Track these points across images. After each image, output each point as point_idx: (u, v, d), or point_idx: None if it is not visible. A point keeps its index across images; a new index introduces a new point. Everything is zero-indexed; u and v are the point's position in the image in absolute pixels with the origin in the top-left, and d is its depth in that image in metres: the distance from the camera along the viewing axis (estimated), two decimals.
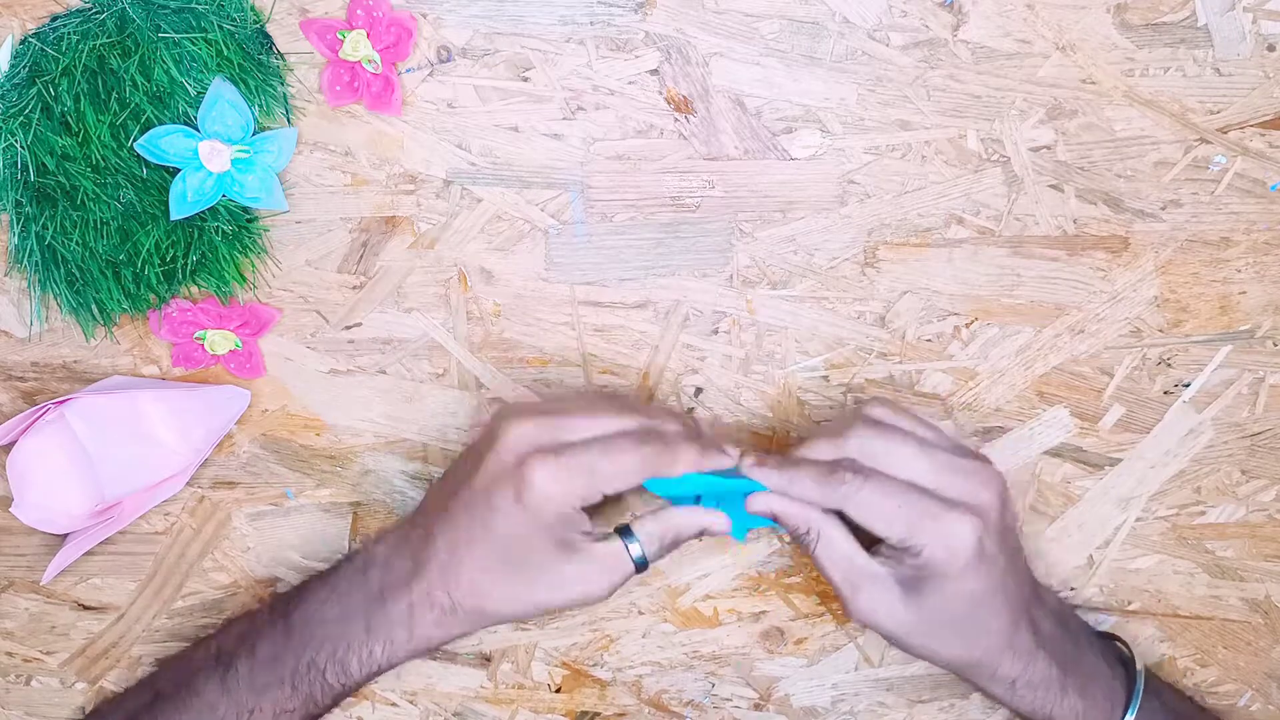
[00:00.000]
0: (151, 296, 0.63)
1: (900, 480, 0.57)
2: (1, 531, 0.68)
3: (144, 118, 0.59)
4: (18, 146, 0.59)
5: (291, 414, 0.67)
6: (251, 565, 0.69)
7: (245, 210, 0.62)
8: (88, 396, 0.64)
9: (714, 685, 0.71)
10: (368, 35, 0.60)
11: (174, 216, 0.61)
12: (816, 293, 0.65)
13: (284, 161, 0.62)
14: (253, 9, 0.60)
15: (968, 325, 0.65)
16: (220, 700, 0.60)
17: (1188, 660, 0.69)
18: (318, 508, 0.68)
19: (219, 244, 0.62)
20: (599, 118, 0.62)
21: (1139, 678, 0.61)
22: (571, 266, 0.64)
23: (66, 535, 0.67)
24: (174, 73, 0.59)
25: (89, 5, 0.59)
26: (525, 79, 0.62)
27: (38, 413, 0.64)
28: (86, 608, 0.69)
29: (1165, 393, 0.66)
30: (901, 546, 0.57)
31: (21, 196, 0.60)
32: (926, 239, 0.64)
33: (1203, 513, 0.67)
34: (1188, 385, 0.66)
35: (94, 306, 0.63)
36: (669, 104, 0.62)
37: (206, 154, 0.60)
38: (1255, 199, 0.63)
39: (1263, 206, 0.63)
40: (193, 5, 0.58)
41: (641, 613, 0.70)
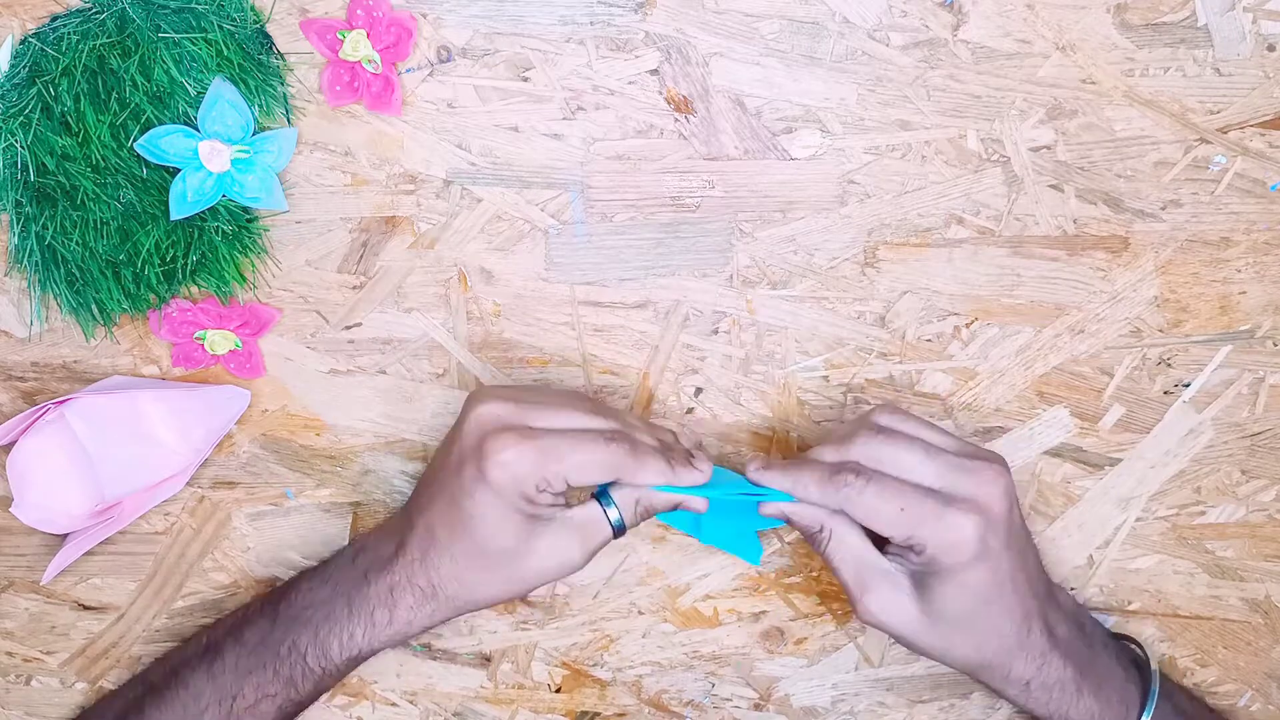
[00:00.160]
0: (151, 296, 0.63)
1: (904, 481, 0.57)
2: (1, 531, 0.68)
3: (144, 118, 0.59)
4: (18, 146, 0.59)
5: (291, 414, 0.67)
6: (251, 565, 0.69)
7: (245, 210, 0.62)
8: (88, 396, 0.64)
9: (714, 685, 0.71)
10: (368, 35, 0.60)
11: (174, 216, 0.61)
12: (816, 293, 0.65)
13: (284, 161, 0.62)
14: (253, 9, 0.60)
15: (968, 325, 0.65)
16: (206, 688, 0.61)
17: (1188, 660, 0.69)
18: (318, 508, 0.68)
19: (219, 244, 0.62)
20: (599, 118, 0.62)
21: (1154, 680, 0.61)
22: (571, 266, 0.64)
23: (66, 535, 0.67)
24: (174, 73, 0.59)
25: (89, 5, 0.59)
26: (525, 79, 0.62)
27: (38, 413, 0.64)
28: (86, 608, 0.69)
29: (1165, 393, 0.66)
30: (906, 545, 0.57)
31: (21, 196, 0.60)
32: (926, 239, 0.64)
33: (1203, 513, 0.67)
34: (1188, 385, 0.66)
35: (94, 306, 0.63)
36: (669, 104, 0.62)
37: (206, 154, 0.60)
38: (1255, 199, 0.63)
39: (1263, 206, 0.63)
40: (193, 5, 0.58)
41: (641, 613, 0.70)
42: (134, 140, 0.59)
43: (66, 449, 0.64)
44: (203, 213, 0.61)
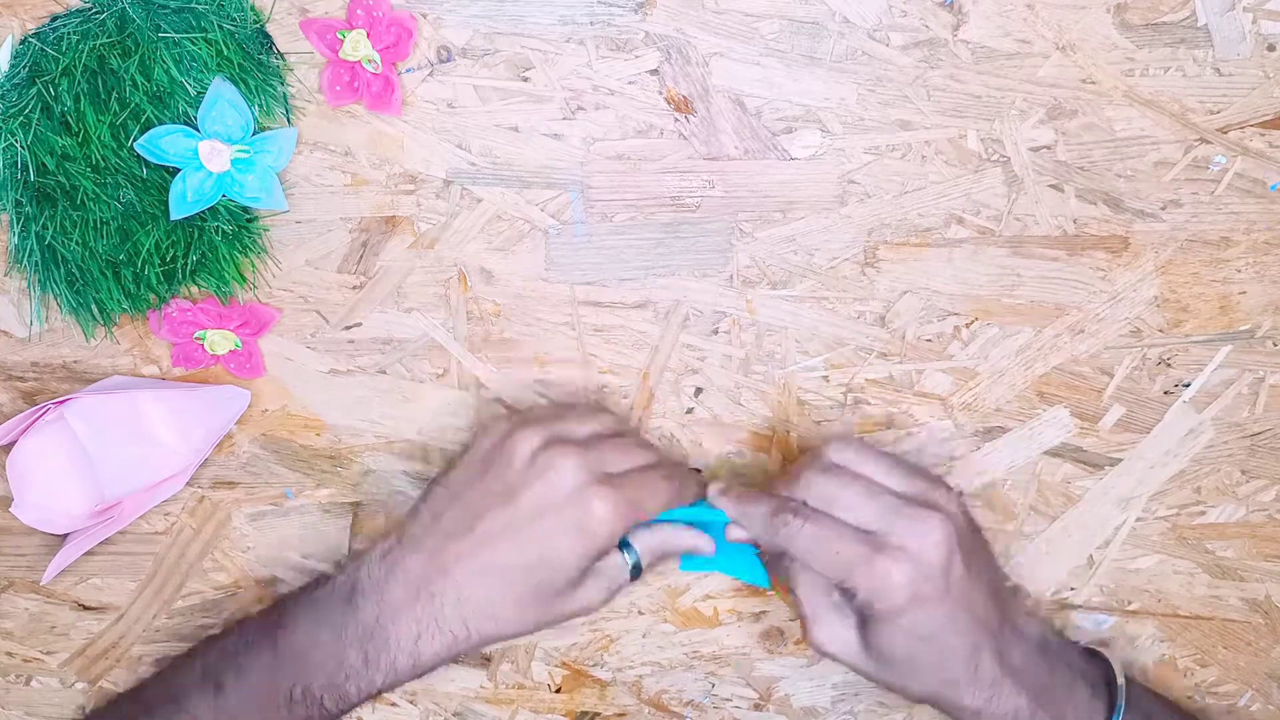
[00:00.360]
0: (151, 296, 0.63)
1: (841, 524, 0.57)
2: (1, 531, 0.68)
3: (144, 118, 0.59)
4: (18, 146, 0.59)
5: (291, 414, 0.67)
6: (251, 565, 0.69)
7: (245, 210, 0.62)
8: (88, 396, 0.64)
9: (714, 685, 0.71)
10: (368, 35, 0.60)
11: (174, 216, 0.61)
12: (816, 293, 0.65)
13: (284, 161, 0.62)
14: (253, 9, 0.60)
15: (968, 325, 0.65)
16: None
17: (1188, 660, 0.69)
18: (318, 508, 0.68)
19: (219, 244, 0.62)
20: (599, 118, 0.62)
21: (1120, 696, 0.60)
22: (571, 266, 0.64)
23: (66, 535, 0.67)
24: (174, 73, 0.59)
25: (89, 5, 0.59)
26: (525, 79, 0.62)
27: (38, 413, 0.64)
28: (86, 608, 0.69)
29: (1165, 393, 0.66)
30: (841, 589, 0.58)
31: (21, 196, 0.60)
32: (926, 239, 0.64)
33: (1203, 513, 0.67)
34: (1188, 385, 0.66)
35: (94, 306, 0.63)
36: (669, 104, 0.62)
37: (206, 154, 0.60)
38: (1255, 199, 0.63)
39: (1263, 206, 0.63)
40: (193, 5, 0.58)
41: (641, 613, 0.70)
42: (134, 140, 0.59)
43: (66, 449, 0.64)
44: (203, 213, 0.61)
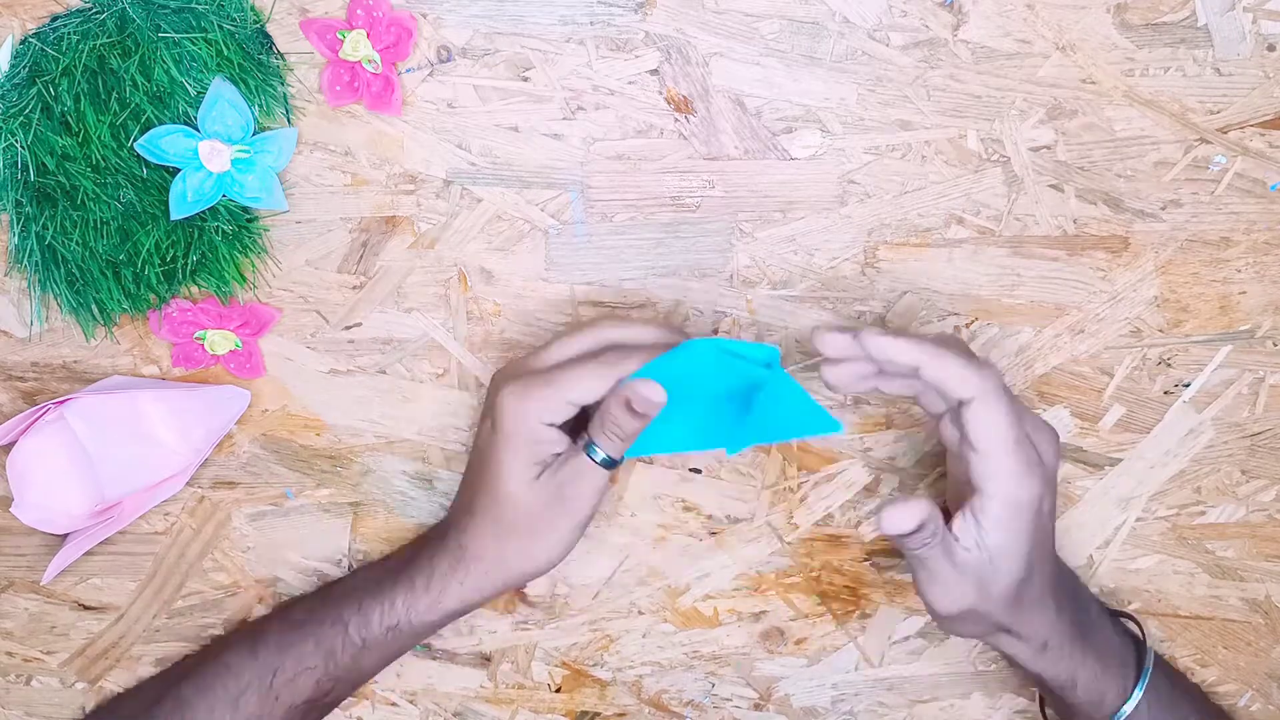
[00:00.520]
0: (151, 296, 0.63)
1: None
2: (1, 531, 0.68)
3: (144, 118, 0.59)
4: (18, 146, 0.59)
5: (291, 414, 0.67)
6: (251, 565, 0.69)
7: (245, 210, 0.62)
8: (88, 396, 0.64)
9: (714, 685, 0.71)
10: (368, 35, 0.60)
11: (174, 216, 0.61)
12: (816, 293, 0.65)
13: (284, 161, 0.62)
14: (253, 9, 0.60)
15: (968, 325, 0.65)
16: (247, 667, 0.62)
17: (1188, 660, 0.69)
18: (318, 508, 0.68)
19: (219, 244, 0.62)
20: (599, 118, 0.62)
21: (1148, 649, 0.61)
22: (571, 266, 0.64)
23: (66, 535, 0.67)
24: (174, 73, 0.59)
25: (89, 5, 0.59)
26: (525, 79, 0.62)
27: (38, 413, 0.64)
28: (86, 608, 0.69)
29: (1165, 393, 0.66)
30: (1009, 442, 0.54)
31: (21, 196, 0.60)
32: (926, 239, 0.64)
33: (1203, 513, 0.67)
34: (1188, 385, 0.66)
35: (94, 306, 0.63)
36: (669, 104, 0.62)
37: (206, 154, 0.60)
38: (1255, 199, 0.63)
39: (1263, 206, 0.63)
40: (193, 5, 0.58)
41: (641, 613, 0.70)
42: (134, 140, 0.59)
43: (66, 449, 0.64)
44: (203, 213, 0.61)
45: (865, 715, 0.71)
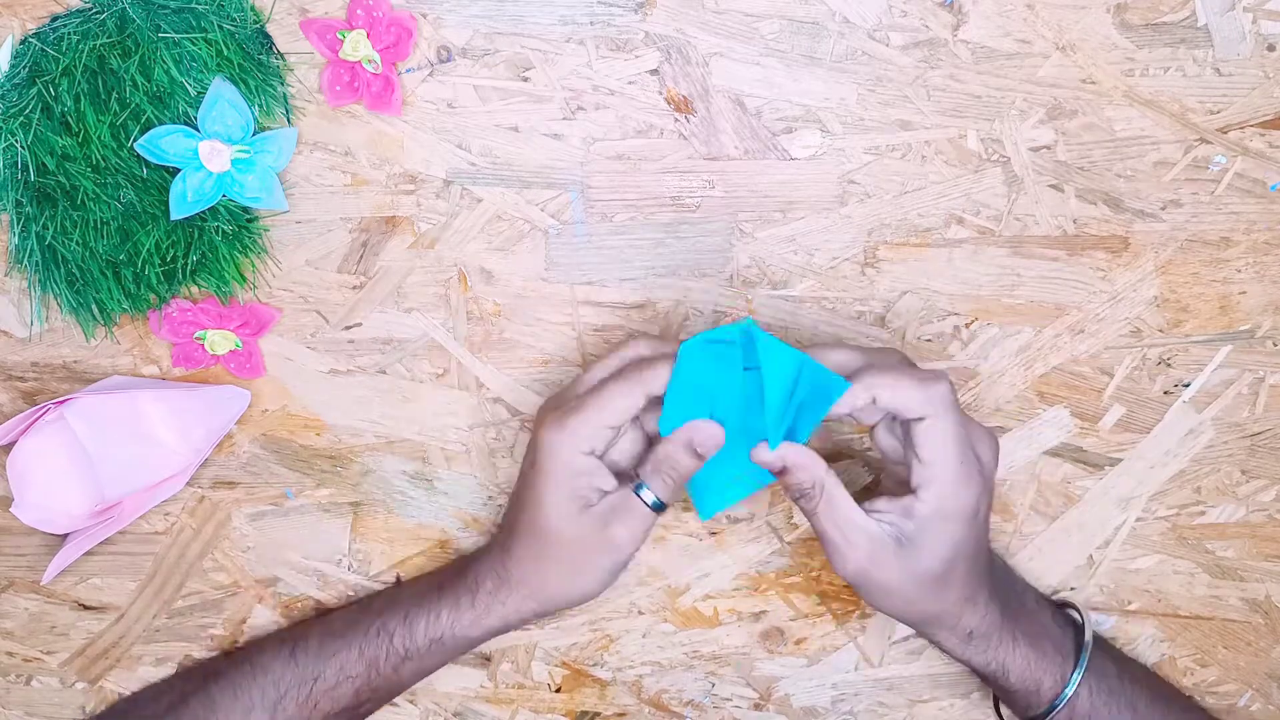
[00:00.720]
0: (151, 296, 0.63)
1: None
2: (1, 531, 0.68)
3: (144, 118, 0.59)
4: (18, 146, 0.59)
5: (291, 414, 0.67)
6: (251, 565, 0.69)
7: (245, 210, 0.62)
8: (88, 396, 0.64)
9: (714, 685, 0.71)
10: (368, 35, 0.60)
11: (174, 216, 0.61)
12: (816, 293, 0.65)
13: (284, 161, 0.62)
14: (253, 9, 0.60)
15: (968, 325, 0.65)
16: (286, 672, 0.62)
17: (1188, 660, 0.69)
18: (318, 508, 0.68)
19: (219, 244, 0.62)
20: (599, 118, 0.62)
21: (1085, 640, 0.61)
22: (571, 266, 0.64)
23: (66, 535, 0.67)
24: (174, 73, 0.59)
25: (89, 5, 0.59)
26: (525, 79, 0.62)
27: (38, 413, 0.64)
28: (86, 608, 0.69)
29: (1165, 393, 0.66)
30: (948, 445, 0.56)
31: (22, 196, 0.60)
32: (926, 239, 0.64)
33: (1203, 513, 0.67)
34: (1188, 385, 0.66)
35: (94, 306, 0.63)
36: (669, 104, 0.62)
37: (206, 154, 0.60)
38: (1255, 199, 0.63)
39: (1263, 206, 0.63)
40: (193, 5, 0.58)
41: (641, 613, 0.70)
42: (134, 140, 0.59)
43: (66, 449, 0.64)
44: (203, 213, 0.61)
45: (865, 715, 0.71)
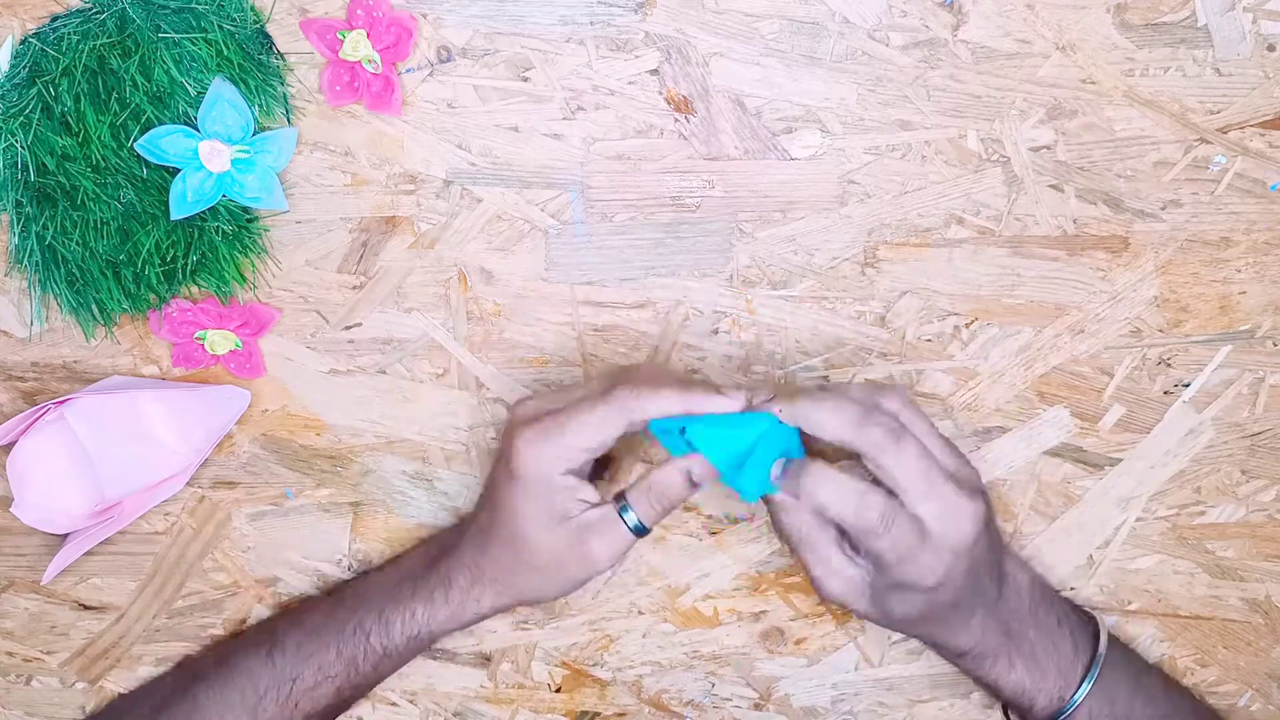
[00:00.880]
0: (151, 296, 0.63)
1: (928, 451, 0.55)
2: (1, 531, 0.68)
3: (144, 118, 0.59)
4: (18, 146, 0.59)
5: (291, 414, 0.67)
6: (251, 565, 0.69)
7: (245, 210, 0.62)
8: (88, 396, 0.64)
9: (714, 685, 0.71)
10: (368, 35, 0.60)
11: (174, 216, 0.61)
12: (816, 293, 0.65)
13: (284, 161, 0.62)
14: (253, 9, 0.60)
15: (968, 325, 0.65)
16: (264, 673, 0.62)
17: (1188, 660, 0.69)
18: (318, 508, 0.68)
19: (219, 244, 0.62)
20: (599, 118, 0.62)
21: (1096, 665, 0.60)
22: (571, 266, 0.64)
23: (66, 535, 0.67)
24: (174, 73, 0.59)
25: (89, 5, 0.59)
26: (525, 79, 0.62)
27: (38, 413, 0.64)
28: (86, 608, 0.69)
29: (1165, 393, 0.66)
30: (909, 509, 0.55)
31: (22, 196, 0.60)
32: (926, 239, 0.64)
33: (1203, 513, 0.67)
34: (1188, 385, 0.66)
35: (94, 306, 0.63)
36: (669, 104, 0.62)
37: (206, 154, 0.60)
38: (1255, 199, 0.63)
39: (1263, 206, 0.63)
40: (193, 5, 0.58)
41: (641, 613, 0.70)
42: (134, 140, 0.59)
43: (66, 449, 0.64)
44: (203, 213, 0.61)
45: (865, 715, 0.71)
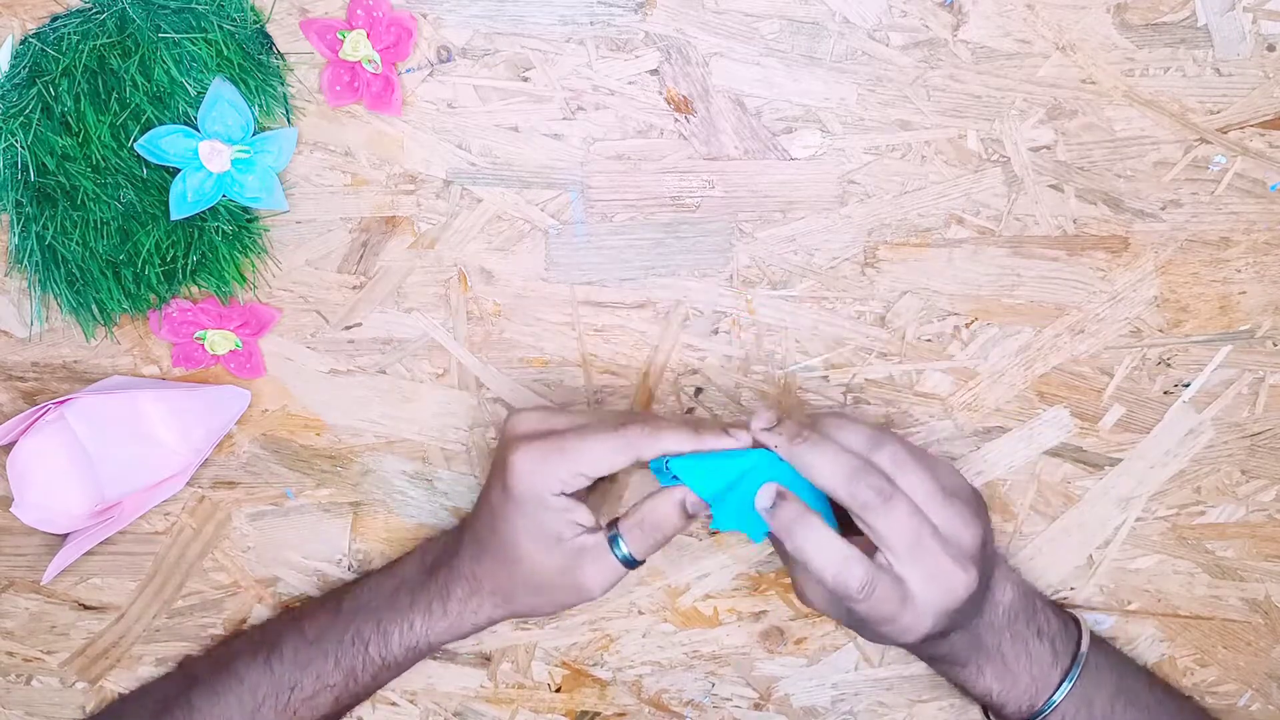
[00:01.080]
0: (151, 296, 0.63)
1: (920, 510, 0.54)
2: (1, 531, 0.68)
3: (144, 118, 0.59)
4: (18, 146, 0.59)
5: (291, 414, 0.67)
6: (251, 565, 0.69)
7: (245, 210, 0.62)
8: (88, 396, 0.64)
9: (714, 685, 0.71)
10: (368, 35, 0.60)
11: (174, 216, 0.61)
12: (816, 293, 0.65)
13: (284, 161, 0.62)
14: (253, 9, 0.60)
15: (968, 325, 0.65)
16: (262, 681, 0.62)
17: (1188, 660, 0.69)
18: (318, 508, 0.68)
19: (219, 244, 0.62)
20: (599, 118, 0.62)
21: (1075, 669, 0.60)
22: (571, 266, 0.64)
23: (66, 535, 0.67)
24: (174, 73, 0.59)
25: (89, 5, 0.59)
26: (525, 79, 0.62)
27: (38, 413, 0.64)
28: (86, 608, 0.69)
29: (1165, 393, 0.66)
30: (894, 569, 0.54)
31: (22, 196, 0.60)
32: (926, 239, 0.64)
33: (1203, 513, 0.67)
34: (1188, 385, 0.66)
35: (94, 306, 0.63)
36: (669, 104, 0.62)
37: (206, 154, 0.60)
38: (1255, 199, 0.63)
39: (1263, 206, 0.63)
40: (193, 5, 0.58)
41: (641, 613, 0.70)
42: (134, 140, 0.59)
43: (66, 449, 0.64)
44: (203, 213, 0.61)
45: (865, 715, 0.71)
